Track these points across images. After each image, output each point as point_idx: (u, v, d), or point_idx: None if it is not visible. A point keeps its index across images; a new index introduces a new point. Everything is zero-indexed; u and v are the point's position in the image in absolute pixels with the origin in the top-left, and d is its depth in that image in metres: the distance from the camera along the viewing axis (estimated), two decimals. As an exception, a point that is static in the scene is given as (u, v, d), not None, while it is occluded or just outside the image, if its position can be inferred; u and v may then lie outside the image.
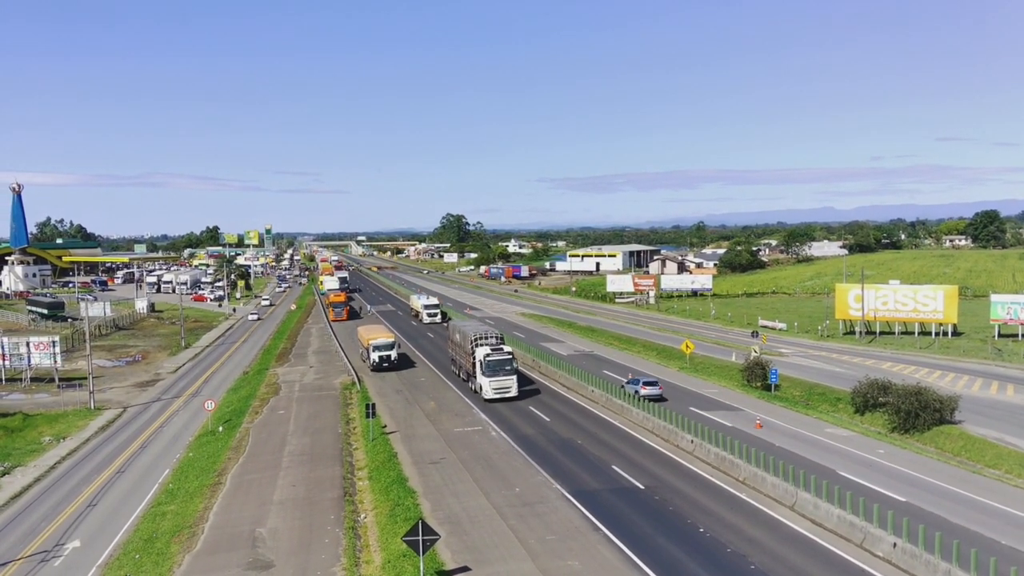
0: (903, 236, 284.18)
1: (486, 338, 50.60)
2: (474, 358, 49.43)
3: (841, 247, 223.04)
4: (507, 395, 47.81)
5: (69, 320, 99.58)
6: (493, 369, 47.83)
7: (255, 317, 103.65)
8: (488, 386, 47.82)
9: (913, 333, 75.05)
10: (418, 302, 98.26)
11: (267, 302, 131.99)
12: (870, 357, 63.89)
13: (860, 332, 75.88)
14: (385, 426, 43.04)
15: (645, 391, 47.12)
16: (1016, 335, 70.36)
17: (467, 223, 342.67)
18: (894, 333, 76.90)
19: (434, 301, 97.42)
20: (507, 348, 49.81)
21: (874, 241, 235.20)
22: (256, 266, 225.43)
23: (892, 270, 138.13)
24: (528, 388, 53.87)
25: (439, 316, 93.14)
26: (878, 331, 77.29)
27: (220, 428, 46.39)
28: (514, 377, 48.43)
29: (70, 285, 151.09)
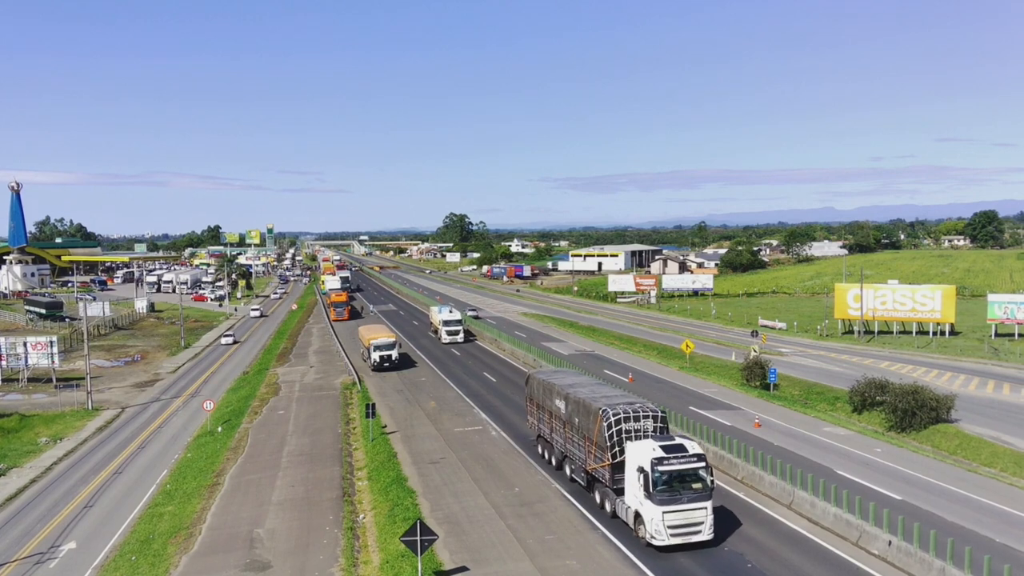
0: (902, 236, 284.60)
1: (636, 417, 27.31)
2: (615, 454, 26.89)
3: (841, 247, 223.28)
4: (695, 538, 24.79)
5: (67, 320, 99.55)
6: (671, 488, 24.72)
7: (229, 341, 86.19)
8: (661, 522, 24.56)
9: (911, 332, 75.13)
10: (437, 315, 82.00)
11: (256, 312, 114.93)
12: (868, 356, 63.98)
13: (859, 332, 75.95)
14: (385, 426, 43.12)
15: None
16: (1013, 334, 70.48)
17: (470, 223, 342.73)
18: (892, 332, 77.01)
19: (456, 316, 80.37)
20: (692, 444, 25.71)
21: (874, 241, 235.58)
22: (258, 265, 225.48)
23: (891, 270, 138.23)
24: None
25: (461, 335, 78.50)
26: (877, 331, 77.39)
27: (219, 428, 46.44)
28: (708, 504, 25.03)
29: (69, 285, 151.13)
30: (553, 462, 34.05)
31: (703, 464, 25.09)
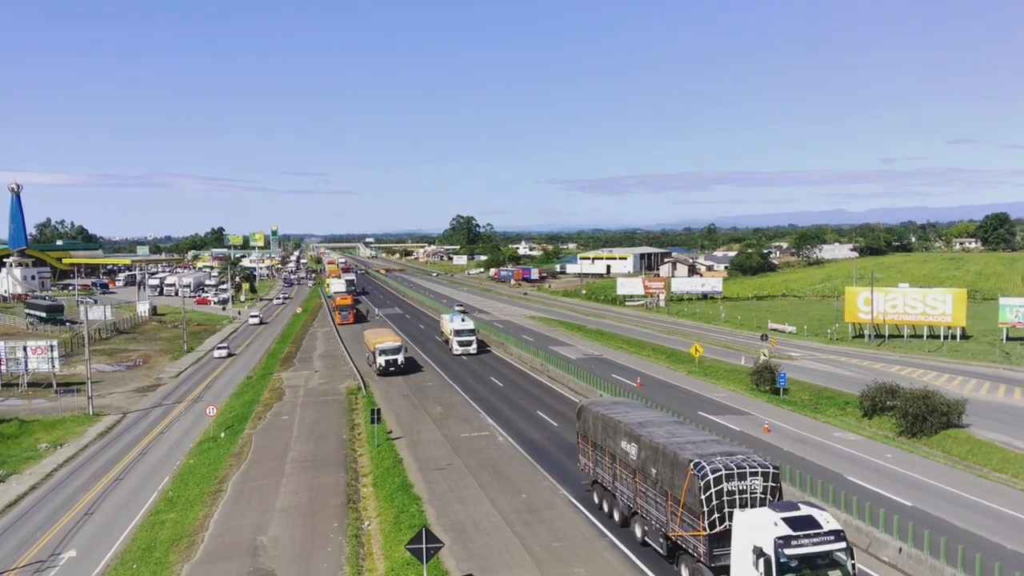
0: (913, 239, 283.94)
1: (742, 473, 21.36)
2: (713, 522, 21.14)
3: (852, 250, 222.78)
4: None
5: (68, 324, 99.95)
6: None
7: (223, 354, 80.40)
8: None
9: (922, 336, 75.03)
10: (448, 324, 76.15)
11: (256, 320, 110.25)
12: (879, 360, 63.91)
13: (869, 335, 75.88)
14: (391, 431, 43.28)
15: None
16: (1025, 338, 70.30)
17: (477, 225, 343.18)
18: (903, 336, 76.92)
19: (469, 325, 74.51)
20: (824, 515, 19.80)
21: (885, 244, 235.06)
22: (262, 268, 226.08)
23: (902, 273, 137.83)
24: (536, 391, 54.20)
25: (474, 346, 72.63)
26: (887, 334, 77.30)
27: (222, 434, 46.64)
28: None
29: (70, 288, 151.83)
30: (616, 517, 27.97)
31: (843, 544, 18.94)
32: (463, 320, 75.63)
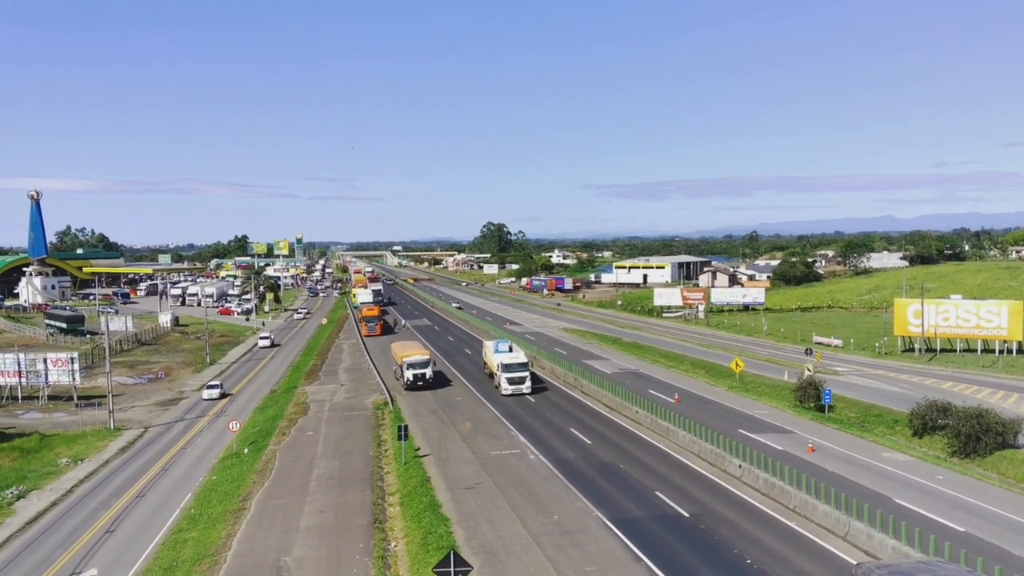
0: (967, 247, 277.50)
1: None
2: None
3: (901, 258, 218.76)
4: None
5: (89, 335, 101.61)
6: None
7: (214, 394, 67.30)
8: None
9: (976, 351, 73.72)
10: (493, 355, 63.13)
11: (267, 342, 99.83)
12: (930, 376, 62.99)
13: (920, 349, 74.77)
14: (418, 449, 43.72)
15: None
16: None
17: (508, 232, 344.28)
18: (956, 351, 75.70)
19: (519, 358, 61.77)
20: None
21: (936, 252, 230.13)
22: (286, 277, 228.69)
23: (955, 283, 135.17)
24: (569, 407, 54.31)
25: (527, 384, 59.69)
26: (939, 348, 76.13)
27: (245, 450, 47.36)
28: None
29: (90, 297, 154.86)
30: None
31: None
32: (511, 350, 63.25)
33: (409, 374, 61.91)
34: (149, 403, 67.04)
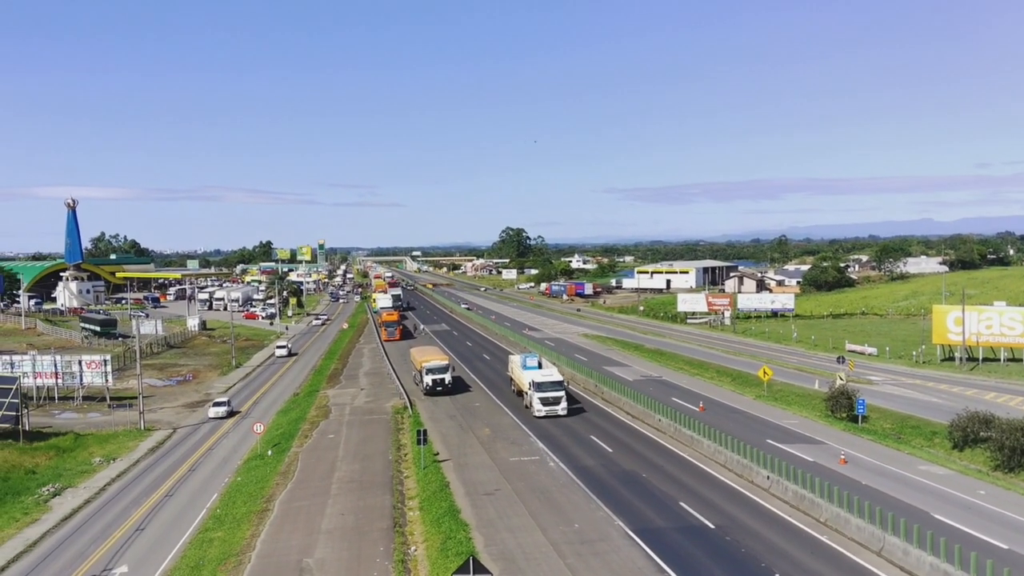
0: (1012, 251, 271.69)
1: None
2: None
3: (941, 263, 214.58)
4: None
5: (121, 338, 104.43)
6: None
7: (221, 412, 61.73)
8: None
9: (1021, 360, 71.83)
10: (521, 371, 57.14)
11: (284, 351, 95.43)
12: (971, 386, 61.41)
13: (960, 359, 72.99)
14: (437, 453, 43.67)
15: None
16: None
17: (527, 237, 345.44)
18: (999, 360, 73.79)
19: (553, 375, 54.85)
20: None
21: (978, 257, 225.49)
22: (309, 283, 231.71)
23: (998, 289, 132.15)
24: (589, 414, 53.87)
25: (563, 404, 52.54)
26: (981, 357, 74.23)
27: (269, 452, 47.93)
28: None
29: (123, 302, 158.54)
30: None
31: None
32: (540, 365, 57.49)
33: (429, 379, 62.24)
34: (178, 404, 68.21)
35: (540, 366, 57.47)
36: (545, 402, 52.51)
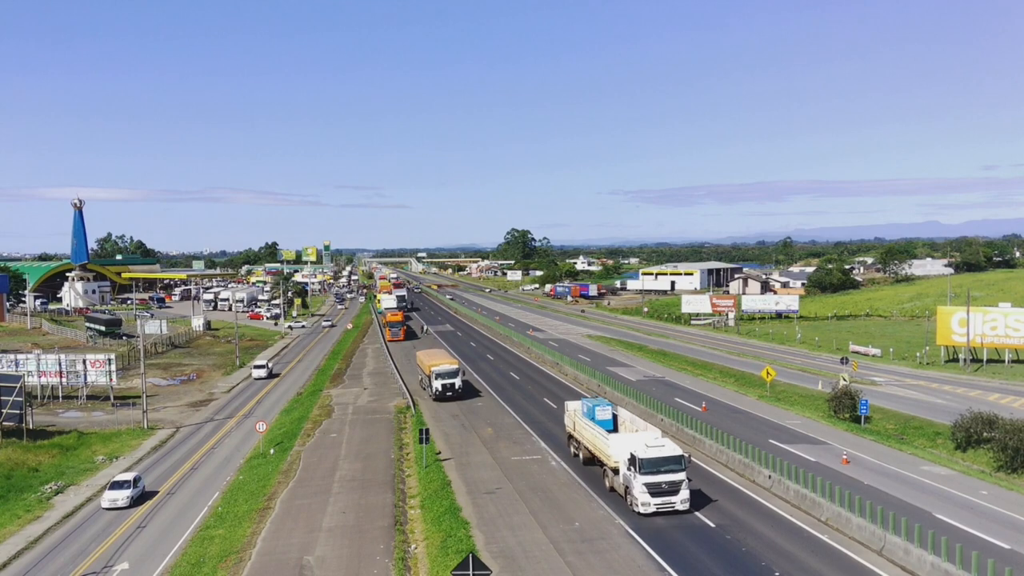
0: (1018, 253, 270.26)
1: None
2: None
3: (946, 265, 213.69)
4: None
5: (126, 337, 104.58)
6: None
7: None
8: None
9: (1026, 362, 71.49)
10: (609, 441, 35.83)
11: (263, 372, 79.77)
12: (975, 388, 61.16)
13: (965, 360, 72.66)
14: (439, 452, 43.67)
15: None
16: None
17: (532, 239, 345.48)
18: (1004, 361, 73.41)
19: (671, 449, 33.37)
20: None
21: (984, 259, 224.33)
22: (314, 283, 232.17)
23: (1004, 291, 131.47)
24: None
25: (684, 493, 32.24)
26: (985, 359, 73.89)
27: (271, 451, 47.98)
28: None
29: (128, 302, 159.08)
30: None
31: None
32: (617, 421, 41.22)
33: (438, 384, 59.93)
34: (181, 404, 68.29)
35: (615, 420, 41.15)
36: (656, 491, 32.23)
